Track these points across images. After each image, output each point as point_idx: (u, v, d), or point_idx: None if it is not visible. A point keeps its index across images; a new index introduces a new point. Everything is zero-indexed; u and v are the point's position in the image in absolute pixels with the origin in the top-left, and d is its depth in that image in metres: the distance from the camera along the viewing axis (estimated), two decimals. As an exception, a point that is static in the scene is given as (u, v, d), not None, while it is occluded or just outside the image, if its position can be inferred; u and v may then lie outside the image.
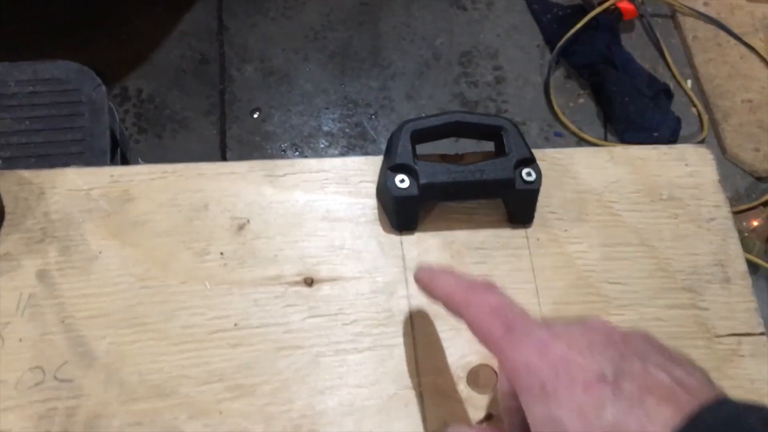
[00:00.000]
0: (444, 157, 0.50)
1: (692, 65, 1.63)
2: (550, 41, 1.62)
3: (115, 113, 0.65)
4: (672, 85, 1.58)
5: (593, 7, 1.61)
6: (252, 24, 1.59)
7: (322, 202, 0.48)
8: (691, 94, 1.58)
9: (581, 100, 1.57)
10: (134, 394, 0.41)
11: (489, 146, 0.49)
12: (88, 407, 0.40)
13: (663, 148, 0.52)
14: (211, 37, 1.56)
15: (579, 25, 1.58)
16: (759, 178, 1.49)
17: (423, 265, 0.41)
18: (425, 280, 0.40)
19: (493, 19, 1.65)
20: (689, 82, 1.61)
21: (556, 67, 1.59)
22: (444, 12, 1.66)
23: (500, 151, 0.48)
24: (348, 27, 1.60)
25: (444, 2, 1.67)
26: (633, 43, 1.64)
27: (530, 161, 0.47)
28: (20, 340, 0.41)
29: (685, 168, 0.51)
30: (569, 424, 0.29)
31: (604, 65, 1.55)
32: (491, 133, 0.48)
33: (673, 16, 1.69)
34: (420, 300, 0.45)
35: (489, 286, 0.36)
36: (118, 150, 0.64)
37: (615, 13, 1.61)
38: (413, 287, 0.46)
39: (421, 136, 0.47)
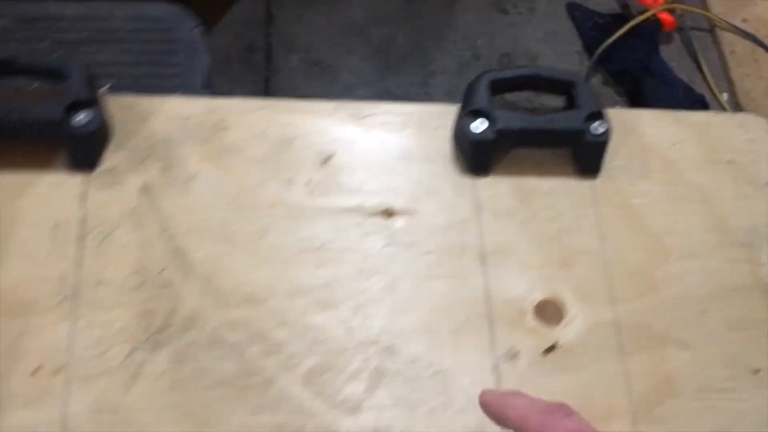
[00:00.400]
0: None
1: (729, 79, 1.65)
2: (589, 48, 1.64)
3: (210, 54, 0.69)
4: (708, 96, 1.60)
5: (634, 17, 1.64)
6: (299, 15, 1.63)
7: (402, 142, 0.50)
8: (727, 106, 1.60)
9: (618, 107, 1.59)
10: (228, 301, 0.43)
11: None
12: (186, 309, 0.43)
13: (725, 115, 0.55)
14: (259, 27, 1.60)
15: (619, 33, 1.61)
16: (792, 192, 1.50)
17: (488, 390, 0.38)
18: (493, 403, 0.37)
19: (533, 24, 1.68)
20: (725, 95, 1.63)
21: (594, 74, 1.61)
22: (485, 14, 1.69)
23: (571, 106, 0.50)
24: (392, 23, 1.64)
25: (486, 5, 1.70)
26: (671, 54, 1.67)
27: (600, 116, 0.50)
28: (124, 246, 0.44)
29: (745, 134, 0.54)
30: None
31: (642, 73, 1.57)
32: (563, 87, 0.51)
33: (711, 30, 1.71)
34: (492, 238, 0.48)
35: (566, 410, 0.33)
36: (210, 88, 0.67)
37: (655, 23, 1.64)
38: (486, 225, 0.48)
39: (499, 86, 0.50)
